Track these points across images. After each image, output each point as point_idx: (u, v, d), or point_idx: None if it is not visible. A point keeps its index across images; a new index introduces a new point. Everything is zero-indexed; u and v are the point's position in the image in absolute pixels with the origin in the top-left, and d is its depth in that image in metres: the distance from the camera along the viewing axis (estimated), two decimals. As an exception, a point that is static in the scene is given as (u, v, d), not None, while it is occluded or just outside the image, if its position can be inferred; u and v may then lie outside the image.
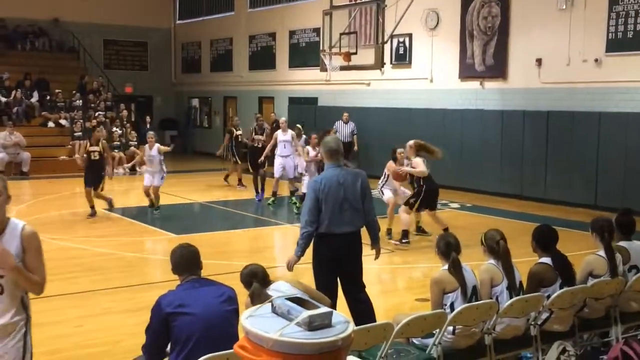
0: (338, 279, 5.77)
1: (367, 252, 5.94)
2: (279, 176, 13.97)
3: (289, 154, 13.88)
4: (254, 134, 14.89)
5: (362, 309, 5.72)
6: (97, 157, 12.46)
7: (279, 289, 4.29)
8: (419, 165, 10.22)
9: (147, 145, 12.89)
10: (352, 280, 5.81)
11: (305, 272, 6.21)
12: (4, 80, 21.39)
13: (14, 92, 21.05)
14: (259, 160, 14.40)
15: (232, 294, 4.16)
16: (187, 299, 3.99)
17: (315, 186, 5.62)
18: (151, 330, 4.06)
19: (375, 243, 5.95)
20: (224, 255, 9.57)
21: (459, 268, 4.92)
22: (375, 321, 5.27)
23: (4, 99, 20.80)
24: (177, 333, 3.91)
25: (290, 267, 5.76)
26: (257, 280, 4.31)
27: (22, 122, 20.69)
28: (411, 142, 10.47)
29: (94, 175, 12.39)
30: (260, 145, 14.85)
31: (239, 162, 16.62)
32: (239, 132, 16.91)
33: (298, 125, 15.33)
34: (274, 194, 13.97)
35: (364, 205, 5.73)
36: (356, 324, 4.33)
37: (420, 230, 11.09)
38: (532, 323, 5.09)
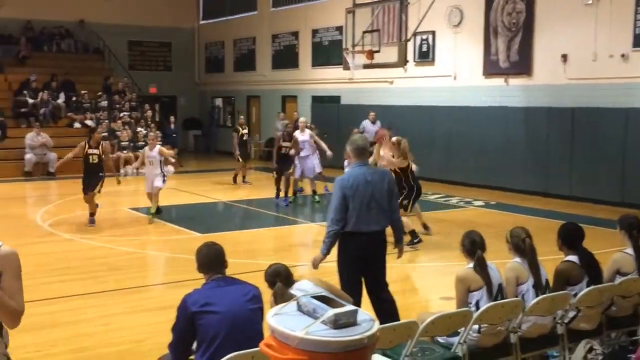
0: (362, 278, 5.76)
1: (389, 250, 5.93)
2: (299, 176, 14.04)
3: (308, 153, 13.84)
4: (281, 140, 14.65)
5: (385, 308, 5.71)
6: (96, 161, 11.50)
7: (303, 287, 4.29)
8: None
9: (147, 147, 12.41)
10: (376, 279, 5.80)
11: (328, 270, 6.21)
12: (32, 82, 21.65)
13: (40, 94, 21.31)
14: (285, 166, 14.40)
15: (257, 293, 4.18)
16: (212, 298, 4.01)
17: (342, 184, 5.59)
18: (177, 328, 4.08)
19: (399, 242, 5.93)
20: (247, 254, 9.61)
21: (485, 266, 4.89)
22: (398, 320, 5.25)
23: (31, 100, 21.05)
24: (203, 331, 3.93)
25: (315, 266, 5.75)
26: (280, 279, 4.32)
27: (49, 123, 20.94)
28: (394, 138, 10.19)
29: (93, 180, 11.44)
30: (285, 152, 14.59)
31: (240, 160, 17.05)
32: (245, 132, 17.36)
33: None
34: (295, 192, 14.08)
35: (390, 204, 5.72)
36: (380, 323, 4.31)
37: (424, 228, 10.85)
38: (559, 321, 5.04)
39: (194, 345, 4.07)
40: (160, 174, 12.07)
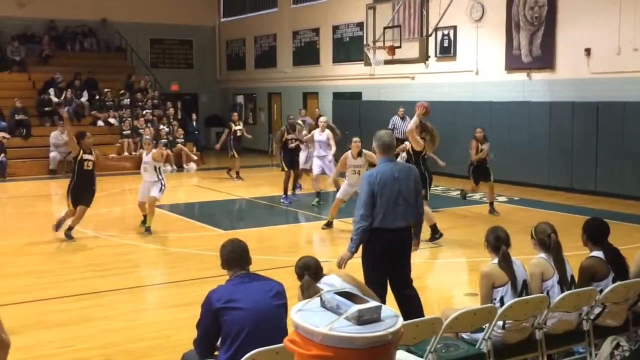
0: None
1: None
2: (317, 175, 13.85)
3: (325, 154, 13.75)
4: (286, 133, 14.66)
5: (410, 304, 5.70)
6: (91, 167, 10.44)
7: (330, 282, 4.32)
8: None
9: (143, 151, 11.06)
10: (401, 275, 5.79)
11: (351, 267, 6.21)
12: (57, 81, 21.88)
13: (64, 92, 21.53)
14: (293, 160, 14.43)
15: (280, 289, 4.20)
16: (236, 294, 4.03)
17: (370, 180, 5.57)
18: (202, 324, 4.12)
19: (417, 236, 5.92)
20: (270, 251, 9.64)
21: (509, 262, 4.86)
22: (423, 316, 5.25)
23: (55, 99, 21.29)
24: (227, 327, 3.96)
25: (342, 265, 5.67)
26: (309, 272, 4.35)
27: (73, 121, 21.14)
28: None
29: (86, 190, 10.36)
30: (293, 145, 14.69)
31: (236, 157, 17.33)
32: (238, 127, 17.65)
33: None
34: (318, 194, 13.70)
35: (417, 200, 5.71)
36: (404, 319, 4.31)
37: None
38: (585, 318, 5.01)
39: (219, 341, 4.11)
40: (158, 182, 10.73)
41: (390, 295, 5.79)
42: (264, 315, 3.99)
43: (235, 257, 4.27)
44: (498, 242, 4.94)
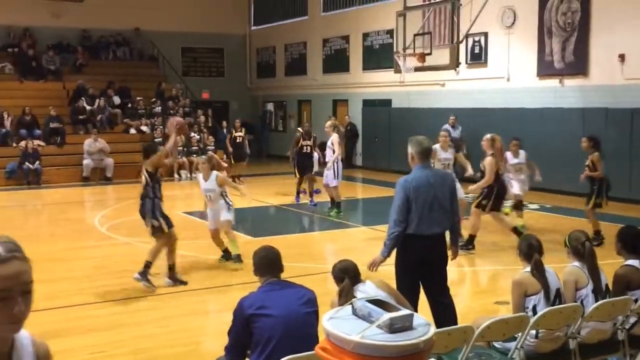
0: (420, 283, 5.71)
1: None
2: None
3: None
4: (301, 139, 14.72)
5: (445, 312, 5.66)
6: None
7: (364, 289, 4.33)
8: (487, 166, 9.68)
9: (199, 176, 9.47)
10: (437, 282, 5.74)
11: (384, 274, 6.19)
12: (85, 87, 22.25)
13: (97, 101, 21.86)
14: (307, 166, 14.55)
15: (312, 296, 4.21)
16: (268, 301, 4.05)
17: (405, 185, 5.53)
18: (233, 331, 4.14)
19: (454, 244, 5.87)
20: (300, 258, 9.65)
21: (542, 270, 4.81)
22: (456, 324, 5.21)
23: (89, 107, 21.62)
24: (258, 334, 3.98)
25: (374, 268, 5.66)
26: (348, 276, 4.38)
27: (106, 129, 21.46)
28: (488, 135, 9.99)
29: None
30: (307, 151, 14.62)
31: (233, 162, 17.85)
32: (238, 134, 18.25)
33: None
34: (338, 205, 13.34)
35: (452, 206, 5.66)
36: (437, 327, 4.29)
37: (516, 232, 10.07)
38: (620, 327, 4.93)
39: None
40: (225, 205, 9.25)
41: (423, 303, 5.75)
42: (295, 322, 4.00)
43: (267, 263, 4.29)
44: (531, 250, 4.89)
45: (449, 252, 5.85)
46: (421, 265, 5.60)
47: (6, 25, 23.81)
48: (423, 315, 2.91)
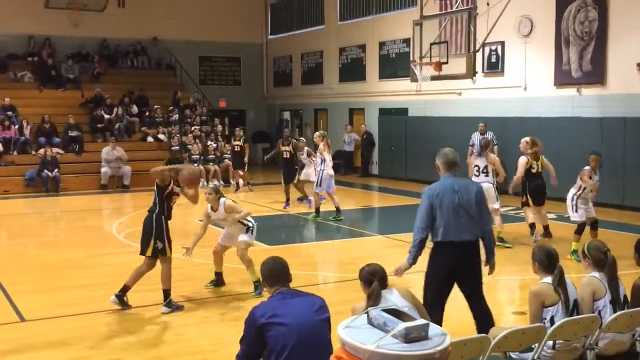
0: (460, 289, 5.73)
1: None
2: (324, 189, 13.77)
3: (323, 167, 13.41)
4: (281, 145, 15.05)
5: (484, 319, 5.67)
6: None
7: (391, 298, 4.34)
8: (520, 166, 11.02)
9: (207, 208, 8.54)
10: (472, 289, 5.74)
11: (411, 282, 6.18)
12: (101, 96, 22.47)
13: (115, 109, 22.04)
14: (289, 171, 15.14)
15: (323, 303, 4.22)
16: (280, 309, 4.06)
17: (429, 193, 5.62)
18: (245, 340, 4.15)
19: (490, 257, 5.82)
20: (315, 266, 9.66)
21: (564, 281, 4.77)
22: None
23: (107, 116, 21.81)
24: (272, 343, 3.98)
25: (399, 274, 5.71)
26: (377, 279, 4.41)
27: (124, 137, 21.62)
28: (527, 138, 11.17)
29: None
30: (287, 157, 15.00)
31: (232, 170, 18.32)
32: (236, 143, 18.71)
33: (302, 139, 16.12)
34: (337, 210, 13.52)
35: (481, 216, 5.66)
36: (478, 332, 4.33)
37: (500, 240, 10.56)
38: (638, 339, 4.88)
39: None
40: (243, 227, 8.48)
41: (448, 312, 5.73)
42: (309, 329, 4.01)
43: (276, 274, 4.32)
44: (551, 260, 4.86)
45: (487, 266, 5.82)
46: (451, 274, 5.61)
47: (27, 35, 24.10)
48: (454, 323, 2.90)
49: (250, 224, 8.42)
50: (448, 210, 5.52)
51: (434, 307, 5.33)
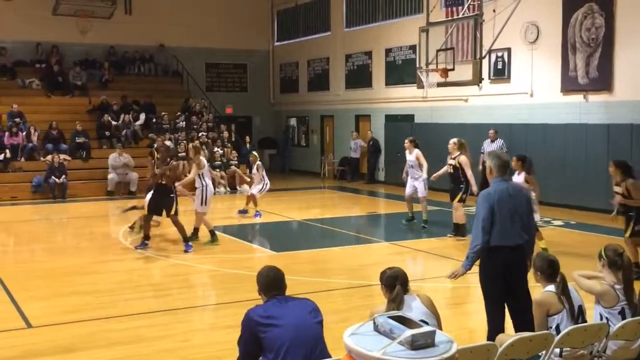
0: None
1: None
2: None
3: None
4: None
5: (521, 317, 5.65)
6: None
7: (415, 305, 4.35)
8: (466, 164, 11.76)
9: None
10: (520, 291, 5.69)
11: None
12: (109, 103, 22.54)
13: (122, 116, 22.12)
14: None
15: (316, 306, 4.32)
16: (276, 312, 4.15)
17: (489, 197, 5.66)
18: (243, 342, 4.23)
19: (529, 257, 5.81)
20: (322, 273, 9.64)
21: (567, 289, 4.76)
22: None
23: (114, 123, 21.88)
24: (268, 344, 4.06)
25: (454, 278, 5.77)
26: (399, 282, 4.42)
27: (130, 144, 21.68)
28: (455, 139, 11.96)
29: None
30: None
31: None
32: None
33: (254, 153, 16.02)
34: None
35: (529, 221, 5.75)
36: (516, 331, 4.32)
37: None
38: (646, 346, 4.86)
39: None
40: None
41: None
42: (306, 331, 4.09)
43: (272, 283, 4.38)
44: (553, 268, 4.85)
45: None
46: (505, 277, 5.63)
47: (35, 42, 24.23)
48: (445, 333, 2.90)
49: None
50: (506, 216, 5.57)
51: (493, 308, 5.35)
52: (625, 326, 4.63)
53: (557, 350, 4.54)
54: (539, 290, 5.10)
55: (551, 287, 4.82)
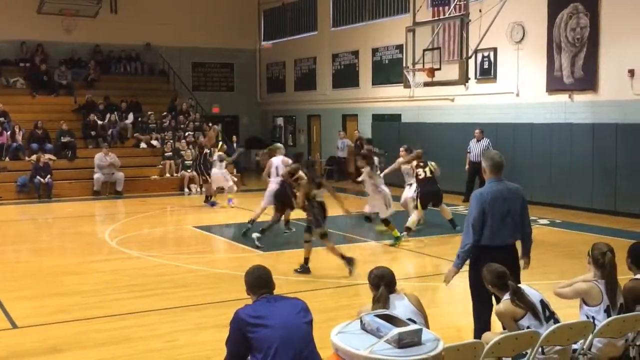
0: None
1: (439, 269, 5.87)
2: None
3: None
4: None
5: None
6: None
7: (401, 304, 4.35)
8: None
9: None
10: None
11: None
12: (99, 104, 22.42)
13: (108, 115, 22.00)
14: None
15: (305, 306, 4.30)
16: (264, 311, 4.14)
17: (481, 198, 5.65)
18: (231, 341, 4.21)
19: (526, 254, 5.90)
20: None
21: (521, 294, 4.79)
22: None
23: (100, 122, 21.77)
24: (257, 344, 4.05)
25: (448, 280, 5.79)
26: (384, 282, 4.42)
27: (117, 143, 21.58)
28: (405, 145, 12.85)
29: None
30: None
31: (209, 181, 17.21)
32: (208, 150, 18.05)
33: (224, 146, 16.49)
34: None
35: (523, 221, 5.75)
36: None
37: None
38: (631, 344, 4.90)
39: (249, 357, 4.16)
40: None
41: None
42: (294, 331, 4.07)
43: (262, 282, 4.38)
44: (503, 279, 4.89)
45: (521, 262, 5.87)
46: None
47: (20, 40, 24.04)
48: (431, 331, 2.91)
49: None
50: (498, 216, 5.58)
51: (481, 307, 5.44)
52: (610, 324, 4.67)
53: (540, 348, 4.57)
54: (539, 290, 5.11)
55: (507, 295, 4.85)
